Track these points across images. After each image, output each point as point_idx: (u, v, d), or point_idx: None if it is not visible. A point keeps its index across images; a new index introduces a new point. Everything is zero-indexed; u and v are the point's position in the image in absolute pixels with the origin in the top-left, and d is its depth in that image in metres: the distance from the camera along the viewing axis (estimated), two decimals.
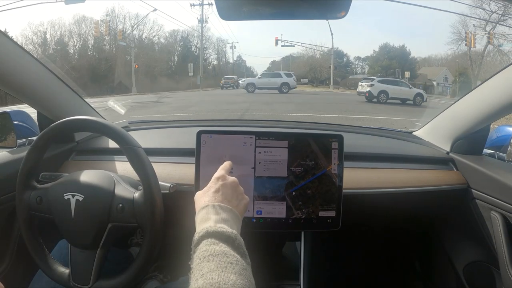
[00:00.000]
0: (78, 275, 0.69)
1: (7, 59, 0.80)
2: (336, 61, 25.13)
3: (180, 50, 28.05)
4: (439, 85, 22.39)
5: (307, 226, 0.85)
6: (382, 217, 1.13)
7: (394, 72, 22.69)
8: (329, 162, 0.84)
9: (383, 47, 27.12)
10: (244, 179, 0.84)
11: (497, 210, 0.89)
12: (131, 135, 0.71)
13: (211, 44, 30.12)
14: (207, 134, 0.83)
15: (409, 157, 1.07)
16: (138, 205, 0.67)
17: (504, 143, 1.09)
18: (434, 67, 24.43)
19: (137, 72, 21.75)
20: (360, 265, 1.37)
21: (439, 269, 1.21)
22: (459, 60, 22.30)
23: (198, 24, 25.50)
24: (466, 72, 21.68)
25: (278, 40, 23.59)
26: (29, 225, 0.72)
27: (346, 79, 26.02)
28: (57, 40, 23.85)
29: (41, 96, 0.95)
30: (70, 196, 0.68)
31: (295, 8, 0.65)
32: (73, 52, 24.30)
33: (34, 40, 23.59)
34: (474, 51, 20.42)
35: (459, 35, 21.32)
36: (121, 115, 2.50)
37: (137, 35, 25.28)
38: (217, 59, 30.99)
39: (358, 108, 10.60)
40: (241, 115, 8.36)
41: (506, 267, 0.84)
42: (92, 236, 0.67)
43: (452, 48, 22.89)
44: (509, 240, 0.86)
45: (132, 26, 24.22)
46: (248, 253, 0.51)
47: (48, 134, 0.72)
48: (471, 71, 21.13)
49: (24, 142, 1.03)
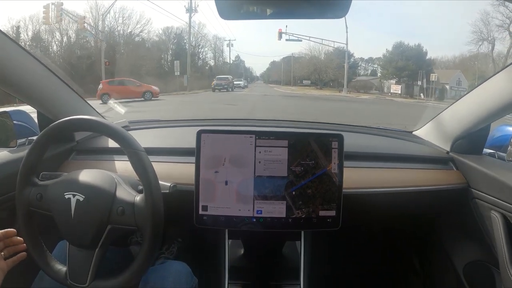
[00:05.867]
0: (75, 274, 0.69)
1: (7, 59, 0.80)
2: (342, 61, 22.98)
3: (173, 48, 25.43)
4: (452, 89, 20.46)
5: (307, 226, 0.86)
6: (382, 217, 1.13)
7: (418, 74, 20.14)
8: (329, 161, 0.84)
9: (397, 46, 23.58)
10: (244, 179, 0.84)
11: (497, 210, 0.89)
12: (133, 137, 0.71)
13: (207, 42, 27.20)
14: (207, 134, 0.83)
15: (409, 157, 1.07)
16: (138, 209, 0.67)
17: (504, 142, 1.09)
18: (445, 69, 22.33)
19: (120, 71, 17.83)
20: (360, 264, 1.37)
21: (439, 268, 1.21)
22: (478, 62, 20.64)
23: (186, 13, 21.28)
24: (485, 75, 19.18)
25: (282, 33, 19.10)
26: (28, 221, 0.72)
27: (354, 81, 23.83)
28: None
29: (41, 96, 0.95)
30: (70, 196, 0.68)
31: (295, 7, 0.65)
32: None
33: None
34: (497, 52, 18.96)
35: (479, 35, 19.34)
36: (120, 115, 2.50)
37: (121, 30, 21.73)
38: (213, 58, 28.35)
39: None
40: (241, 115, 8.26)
41: (506, 267, 0.84)
42: (91, 236, 0.67)
43: (471, 50, 20.76)
44: (509, 239, 0.86)
45: (103, 15, 19.69)
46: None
47: (49, 133, 0.72)
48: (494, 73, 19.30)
49: (24, 142, 1.03)
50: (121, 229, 0.69)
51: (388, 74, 22.92)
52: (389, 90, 21.61)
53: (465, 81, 20.51)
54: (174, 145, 1.06)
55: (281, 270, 1.01)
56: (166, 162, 0.97)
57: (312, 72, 26.04)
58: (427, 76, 19.82)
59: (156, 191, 0.68)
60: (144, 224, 0.67)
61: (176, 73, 19.73)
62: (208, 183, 0.84)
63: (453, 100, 1.10)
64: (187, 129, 1.27)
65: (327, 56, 25.68)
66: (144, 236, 0.67)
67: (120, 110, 2.60)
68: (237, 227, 0.86)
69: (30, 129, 1.14)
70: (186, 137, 1.03)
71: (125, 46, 22.53)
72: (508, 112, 0.90)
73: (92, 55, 19.63)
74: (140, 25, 22.47)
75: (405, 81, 21.61)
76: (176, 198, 0.81)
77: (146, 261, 0.68)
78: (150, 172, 0.68)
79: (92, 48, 20.46)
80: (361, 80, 24.48)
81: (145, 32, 23.34)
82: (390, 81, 22.47)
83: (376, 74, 25.15)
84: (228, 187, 0.84)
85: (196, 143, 0.83)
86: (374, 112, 11.04)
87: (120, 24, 21.64)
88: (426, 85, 19.79)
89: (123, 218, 0.67)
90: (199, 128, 0.84)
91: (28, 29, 19.22)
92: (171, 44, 25.61)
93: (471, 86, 18.96)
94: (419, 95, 19.86)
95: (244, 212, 0.84)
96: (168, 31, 25.09)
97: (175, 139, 1.17)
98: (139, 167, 0.68)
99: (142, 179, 0.68)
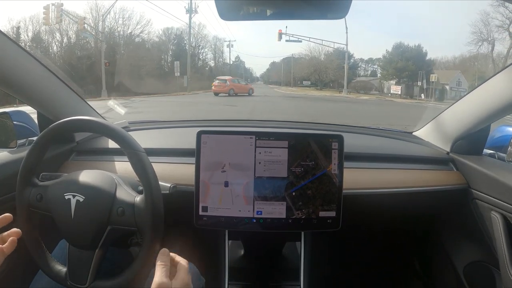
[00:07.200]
0: (75, 275, 0.69)
1: (7, 59, 0.80)
2: (342, 61, 22.89)
3: (173, 49, 25.37)
4: (452, 90, 20.37)
5: (307, 226, 0.85)
6: (382, 217, 1.13)
7: (418, 75, 19.99)
8: (329, 162, 0.84)
9: (397, 46, 23.46)
10: (244, 180, 0.84)
11: (497, 210, 0.89)
12: (133, 137, 0.71)
13: (207, 43, 27.21)
14: (207, 134, 0.83)
15: (409, 157, 1.07)
16: (138, 210, 0.67)
17: (504, 143, 1.09)
18: (445, 70, 22.21)
19: (120, 72, 18.13)
20: (360, 265, 1.37)
21: (439, 269, 1.21)
22: (478, 63, 20.61)
23: (186, 14, 21.29)
24: (485, 76, 18.80)
25: (282, 33, 19.20)
26: (28, 222, 0.72)
27: (354, 82, 23.78)
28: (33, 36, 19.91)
29: (41, 97, 0.95)
30: (70, 196, 0.68)
31: (295, 8, 0.65)
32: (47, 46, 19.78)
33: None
34: (497, 52, 18.83)
35: (479, 35, 19.31)
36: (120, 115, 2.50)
37: (121, 31, 21.57)
38: (214, 59, 28.39)
39: None
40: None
41: (506, 267, 0.84)
42: (91, 237, 0.67)
43: (471, 50, 20.66)
44: (509, 240, 0.86)
45: (103, 15, 19.61)
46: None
47: (49, 134, 0.72)
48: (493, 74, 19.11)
49: (24, 142, 1.03)
50: (121, 230, 0.69)
51: (388, 75, 22.83)
52: (389, 91, 21.57)
53: (465, 81, 20.40)
54: (174, 146, 1.06)
55: (281, 270, 1.01)
56: (166, 163, 0.97)
57: (312, 73, 25.96)
58: (427, 76, 19.78)
59: (156, 191, 0.68)
60: (144, 225, 0.67)
61: (176, 74, 19.75)
62: (208, 184, 0.84)
63: (453, 101, 1.10)
64: (187, 130, 1.27)
65: (327, 57, 25.60)
66: (144, 237, 0.67)
67: (120, 110, 2.61)
68: (237, 228, 0.86)
69: (30, 129, 1.14)
70: (186, 138, 1.03)
71: (125, 47, 22.44)
72: (508, 113, 0.90)
73: (92, 55, 19.59)
74: (140, 26, 22.45)
75: (405, 82, 21.50)
76: (176, 199, 0.81)
77: (146, 262, 0.68)
78: (150, 172, 0.68)
79: (92, 48, 20.43)
80: (361, 80, 24.42)
81: (145, 33, 23.26)
82: (390, 81, 22.37)
83: (376, 75, 25.08)
84: (228, 188, 0.84)
85: (196, 144, 0.83)
86: (374, 112, 11.07)
87: (120, 25, 21.62)
88: (426, 85, 19.69)
89: (123, 218, 0.67)
90: (199, 128, 0.84)
91: (28, 30, 19.28)
92: (171, 45, 25.58)
93: (471, 86, 18.96)
94: (419, 96, 19.82)
95: (244, 213, 0.84)
96: (168, 32, 25.08)
97: (175, 140, 1.17)
98: (139, 167, 0.68)
99: (142, 179, 0.68)
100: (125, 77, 18.83)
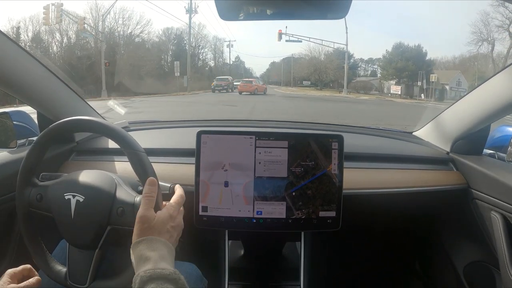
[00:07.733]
0: (75, 275, 0.69)
1: (7, 59, 0.80)
2: (342, 61, 22.84)
3: (173, 49, 25.25)
4: (452, 90, 20.24)
5: (307, 226, 0.86)
6: (382, 217, 1.13)
7: (417, 75, 19.89)
8: (329, 162, 0.84)
9: (397, 46, 23.27)
10: (244, 180, 0.84)
11: (497, 210, 0.89)
12: (133, 138, 0.71)
13: (207, 43, 27.13)
14: (207, 135, 0.83)
15: (409, 157, 1.07)
16: (138, 210, 0.67)
17: (504, 143, 1.09)
18: (445, 70, 22.09)
19: (120, 72, 18.28)
20: (360, 265, 1.37)
21: (439, 269, 1.21)
22: (477, 63, 20.46)
23: (186, 14, 21.43)
24: (485, 76, 18.62)
25: (282, 33, 19.23)
26: (28, 222, 0.72)
27: (354, 82, 23.65)
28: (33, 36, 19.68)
29: (41, 97, 0.95)
30: (70, 196, 0.68)
31: (295, 8, 0.65)
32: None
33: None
34: (497, 52, 18.72)
35: (479, 35, 19.13)
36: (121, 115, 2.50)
37: (121, 31, 21.51)
38: (213, 59, 28.26)
39: None
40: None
41: (506, 267, 0.84)
42: (91, 237, 0.67)
43: (471, 50, 20.49)
44: (509, 240, 0.86)
45: (103, 15, 19.46)
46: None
47: (49, 134, 0.72)
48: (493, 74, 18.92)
49: (24, 142, 1.03)
50: (121, 230, 0.69)
51: (388, 75, 22.73)
52: (389, 91, 21.55)
53: (465, 81, 20.31)
54: (174, 146, 1.06)
55: (281, 271, 1.01)
56: (166, 163, 0.97)
57: (312, 73, 25.87)
58: (427, 76, 19.73)
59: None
60: None
61: (176, 74, 19.77)
62: (208, 184, 0.84)
63: (453, 101, 1.10)
64: (187, 130, 1.27)
65: (327, 57, 25.48)
66: None
67: (120, 110, 2.61)
68: (237, 228, 0.86)
69: (30, 129, 1.14)
70: (186, 138, 1.03)
71: (125, 47, 22.37)
72: (508, 113, 0.90)
73: (92, 56, 19.56)
74: (140, 26, 22.35)
75: (405, 82, 21.45)
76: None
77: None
78: (150, 173, 0.68)
79: (92, 49, 20.39)
80: (361, 80, 24.30)
81: (145, 33, 23.18)
82: (390, 81, 22.33)
83: (376, 75, 24.94)
84: (228, 188, 0.84)
85: (196, 144, 0.83)
86: (374, 112, 11.04)
87: (120, 25, 21.55)
88: (426, 85, 19.65)
89: (123, 218, 0.67)
90: (199, 129, 0.84)
91: (28, 30, 19.24)
92: (171, 45, 25.47)
93: (471, 86, 18.96)
94: (419, 96, 19.79)
95: (244, 213, 0.84)
96: (168, 32, 24.97)
97: (175, 140, 1.17)
98: (139, 167, 0.68)
99: (142, 179, 0.68)
100: (125, 77, 18.84)
